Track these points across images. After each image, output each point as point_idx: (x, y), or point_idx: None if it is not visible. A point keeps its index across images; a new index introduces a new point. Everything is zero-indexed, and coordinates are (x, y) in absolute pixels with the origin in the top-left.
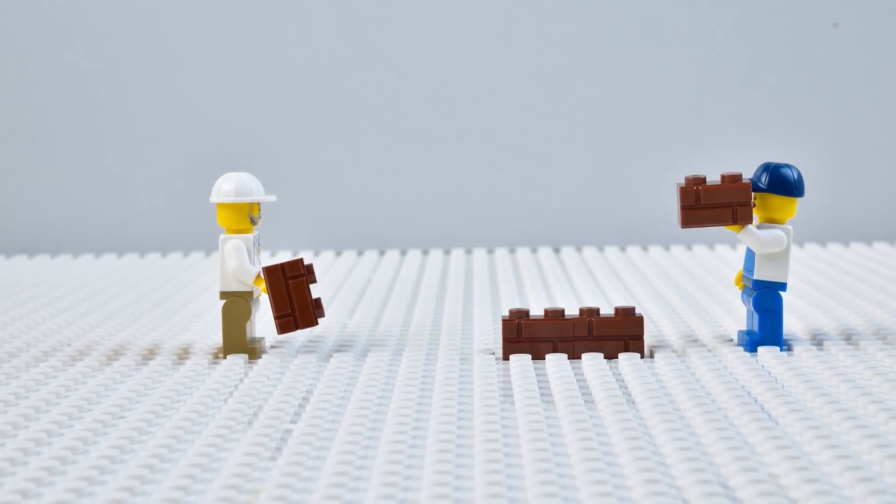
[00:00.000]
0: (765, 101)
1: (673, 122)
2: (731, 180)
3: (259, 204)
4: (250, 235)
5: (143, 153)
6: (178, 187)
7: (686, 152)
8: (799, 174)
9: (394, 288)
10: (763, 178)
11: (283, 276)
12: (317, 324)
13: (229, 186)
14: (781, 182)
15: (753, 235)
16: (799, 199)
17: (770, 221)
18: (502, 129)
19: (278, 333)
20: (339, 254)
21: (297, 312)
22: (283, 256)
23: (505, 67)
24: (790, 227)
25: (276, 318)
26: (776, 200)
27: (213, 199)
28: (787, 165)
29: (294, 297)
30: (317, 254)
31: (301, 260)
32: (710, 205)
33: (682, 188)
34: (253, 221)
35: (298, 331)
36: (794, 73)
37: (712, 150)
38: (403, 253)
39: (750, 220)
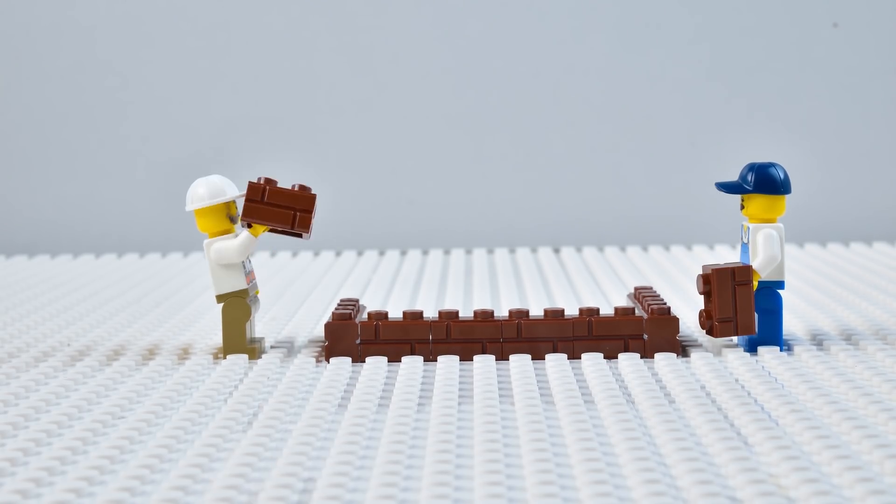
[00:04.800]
0: (765, 101)
1: (673, 122)
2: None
3: (235, 202)
4: (233, 235)
5: (143, 153)
6: (178, 187)
7: (686, 152)
8: (784, 172)
9: (394, 288)
10: (749, 180)
11: (259, 202)
12: (314, 195)
13: (203, 190)
14: (768, 181)
15: (761, 267)
16: (790, 196)
17: (762, 221)
18: (502, 129)
19: (307, 235)
20: (339, 254)
21: (296, 208)
22: (283, 256)
23: (505, 67)
24: (781, 224)
25: (293, 228)
26: (765, 200)
27: (189, 207)
28: (772, 164)
29: (283, 201)
30: (317, 254)
31: (250, 183)
32: None
33: None
34: (233, 220)
35: (314, 218)
36: (794, 73)
37: (712, 150)
38: (403, 253)
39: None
